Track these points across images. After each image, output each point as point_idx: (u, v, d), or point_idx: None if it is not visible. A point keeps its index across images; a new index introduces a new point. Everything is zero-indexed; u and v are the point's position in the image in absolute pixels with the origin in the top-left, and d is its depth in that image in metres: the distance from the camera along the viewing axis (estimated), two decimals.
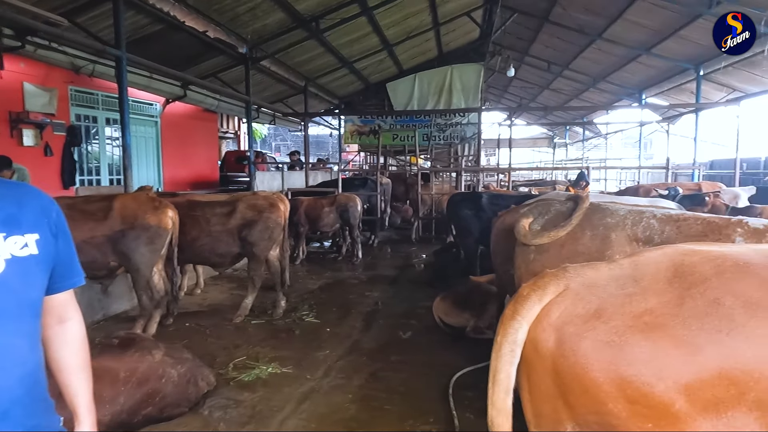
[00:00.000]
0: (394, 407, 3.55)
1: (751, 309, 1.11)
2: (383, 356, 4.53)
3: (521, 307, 1.30)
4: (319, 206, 8.99)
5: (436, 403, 3.61)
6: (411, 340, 4.98)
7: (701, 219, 2.40)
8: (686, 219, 2.41)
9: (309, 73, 13.46)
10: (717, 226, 2.33)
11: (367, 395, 3.74)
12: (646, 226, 2.44)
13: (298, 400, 3.65)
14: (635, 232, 2.44)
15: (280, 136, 37.70)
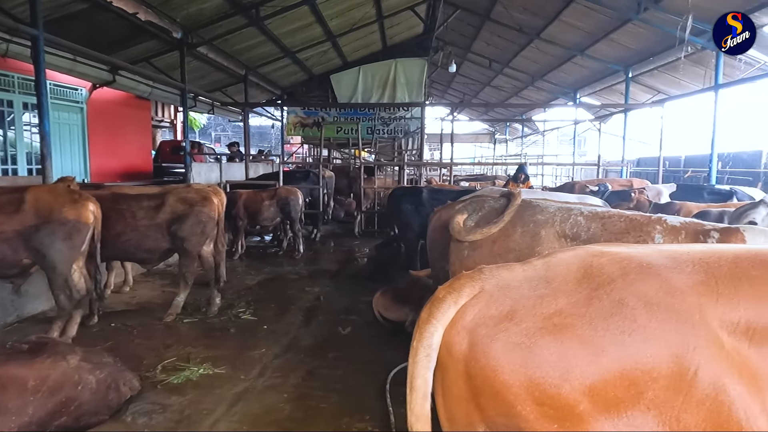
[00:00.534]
0: (331, 405, 3.50)
1: (652, 309, 1.14)
2: (321, 353, 4.46)
3: (437, 310, 1.28)
4: (258, 199, 8.74)
5: (374, 399, 3.58)
6: (350, 335, 4.94)
7: (624, 216, 2.49)
8: (611, 216, 2.49)
9: (249, 61, 13.03)
10: (639, 223, 2.42)
11: (303, 394, 3.66)
12: (573, 223, 2.50)
13: (231, 402, 3.52)
14: (563, 229, 2.50)
15: (220, 126, 36.46)
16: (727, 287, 1.18)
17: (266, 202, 8.71)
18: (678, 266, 1.23)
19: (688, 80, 12.61)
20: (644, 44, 11.74)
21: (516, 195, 2.68)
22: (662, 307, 1.14)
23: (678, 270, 1.22)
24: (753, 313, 1.14)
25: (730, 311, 1.15)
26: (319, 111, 15.66)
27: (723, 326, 1.13)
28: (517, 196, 2.67)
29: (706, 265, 1.23)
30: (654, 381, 1.09)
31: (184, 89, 10.09)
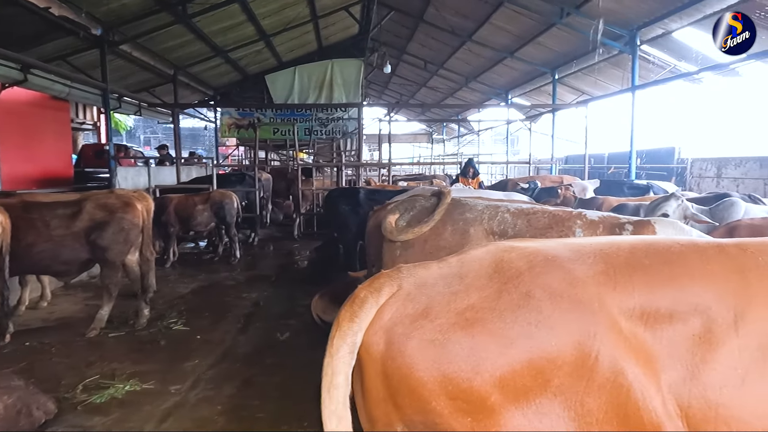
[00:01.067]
0: (268, 414, 3.40)
1: (556, 300, 1.19)
2: (258, 361, 4.34)
3: (358, 309, 1.27)
4: (191, 204, 8.40)
5: (313, 405, 3.49)
6: (289, 341, 4.84)
7: (548, 213, 2.59)
8: (535, 213, 2.58)
9: (178, 60, 12.49)
10: (561, 218, 2.52)
11: (238, 404, 3.54)
12: (500, 220, 2.57)
13: (160, 419, 3.34)
14: (491, 226, 2.56)
15: (150, 128, 34.78)
16: (624, 276, 1.25)
17: (199, 207, 8.38)
18: (580, 258, 1.29)
19: (608, 82, 13.41)
20: (568, 47, 12.35)
21: (446, 194, 2.72)
22: (565, 297, 1.19)
23: (580, 261, 1.27)
24: (646, 298, 1.22)
25: (627, 298, 1.22)
26: (255, 112, 15.28)
27: (620, 312, 1.20)
28: (447, 195, 2.71)
29: (605, 256, 1.30)
30: (559, 368, 1.13)
31: (106, 89, 9.52)
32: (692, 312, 1.21)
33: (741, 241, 1.45)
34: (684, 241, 1.41)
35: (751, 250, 1.33)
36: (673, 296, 1.23)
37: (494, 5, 11.92)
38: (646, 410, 1.13)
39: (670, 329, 1.19)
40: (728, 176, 11.43)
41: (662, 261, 1.29)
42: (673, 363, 1.17)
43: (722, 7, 8.65)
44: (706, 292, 1.23)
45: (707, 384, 1.16)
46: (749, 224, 3.83)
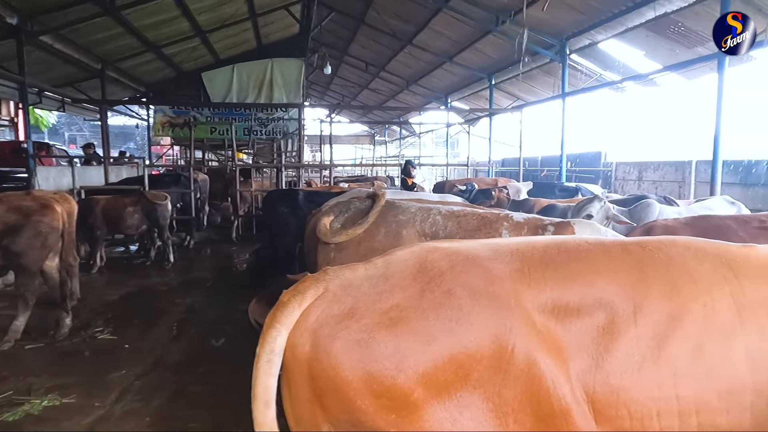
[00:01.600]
0: (200, 424, 3.29)
1: (475, 297, 1.24)
2: (191, 369, 4.18)
3: (280, 314, 1.27)
4: (120, 206, 7.97)
5: (249, 412, 3.43)
6: (225, 347, 4.70)
7: (477, 215, 2.68)
8: (465, 215, 2.66)
9: (106, 54, 11.85)
10: (489, 220, 2.62)
11: (169, 415, 3.40)
12: (432, 222, 2.64)
13: None
14: (423, 228, 2.62)
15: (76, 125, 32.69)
16: (537, 273, 1.33)
17: (129, 209, 7.97)
18: (498, 257, 1.36)
19: (541, 88, 14.04)
20: (503, 54, 12.81)
21: (380, 196, 2.74)
22: (484, 294, 1.25)
23: (498, 260, 1.35)
24: (557, 294, 1.30)
25: (540, 294, 1.29)
26: (191, 110, 14.74)
27: (534, 307, 1.27)
28: (381, 198, 2.73)
29: (521, 255, 1.37)
30: (478, 362, 1.18)
31: (23, 83, 8.85)
32: (597, 305, 1.30)
33: (641, 239, 1.56)
34: (592, 241, 1.50)
35: (649, 247, 1.44)
36: (580, 291, 1.31)
37: (433, 10, 12.17)
38: (556, 397, 1.20)
39: (578, 322, 1.28)
40: (648, 179, 12.26)
41: (572, 259, 1.38)
42: (580, 353, 1.25)
43: (641, 22, 9.29)
44: (609, 287, 1.32)
45: (609, 371, 1.25)
46: (663, 225, 4.11)
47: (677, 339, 1.28)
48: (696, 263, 1.39)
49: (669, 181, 11.49)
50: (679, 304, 1.31)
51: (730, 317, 1.30)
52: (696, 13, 8.44)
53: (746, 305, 1.32)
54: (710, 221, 4.07)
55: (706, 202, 5.48)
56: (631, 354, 1.26)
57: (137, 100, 15.88)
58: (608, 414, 1.24)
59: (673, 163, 11.63)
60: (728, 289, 1.34)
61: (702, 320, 1.30)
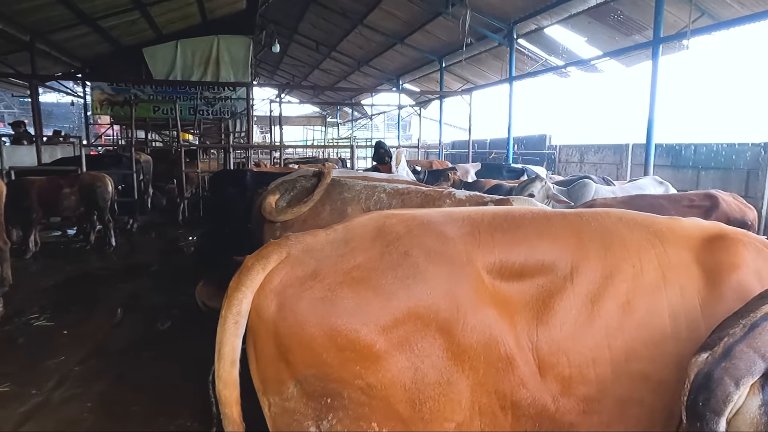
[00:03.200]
0: (143, 408, 3.24)
1: (430, 256, 1.34)
2: (134, 354, 4.09)
3: (245, 277, 1.31)
4: (56, 188, 7.56)
5: (194, 395, 3.40)
6: (170, 331, 4.61)
7: (421, 192, 2.76)
8: (409, 193, 2.74)
9: (36, 26, 11.05)
10: (432, 198, 2.70)
11: (110, 401, 3.32)
12: (377, 200, 2.70)
13: (17, 422, 3.04)
14: (368, 206, 2.67)
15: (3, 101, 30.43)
16: (486, 236, 1.44)
17: (66, 190, 7.57)
18: (451, 221, 1.47)
19: (490, 72, 14.29)
20: (454, 37, 12.89)
21: (326, 174, 2.76)
22: (438, 253, 1.35)
23: (451, 224, 1.45)
24: (504, 255, 1.42)
25: (488, 254, 1.41)
26: (131, 88, 14.05)
27: (483, 266, 1.39)
28: (327, 175, 2.75)
29: (472, 220, 1.49)
30: (435, 314, 1.28)
31: None
32: (539, 266, 1.43)
33: (580, 210, 1.70)
34: (536, 210, 1.65)
35: (586, 217, 1.59)
36: (525, 253, 1.44)
37: None
38: (503, 344, 1.33)
39: (522, 280, 1.41)
40: (589, 161, 12.81)
41: (517, 225, 1.50)
42: (524, 308, 1.39)
43: (585, 8, 9.60)
44: (550, 250, 1.46)
45: (550, 324, 1.38)
46: (602, 203, 4.36)
47: (609, 295, 1.42)
48: (627, 231, 1.55)
49: (608, 164, 12.05)
50: (611, 265, 1.46)
51: (655, 277, 1.46)
52: (634, 2, 8.81)
53: (669, 267, 1.48)
54: (645, 200, 4.36)
55: (637, 182, 5.83)
56: (569, 309, 1.40)
57: (72, 75, 14.96)
58: (550, 361, 1.37)
59: (612, 146, 12.19)
60: (654, 252, 1.50)
61: (631, 279, 1.45)
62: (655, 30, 7.96)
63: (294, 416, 1.29)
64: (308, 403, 1.27)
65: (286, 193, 2.78)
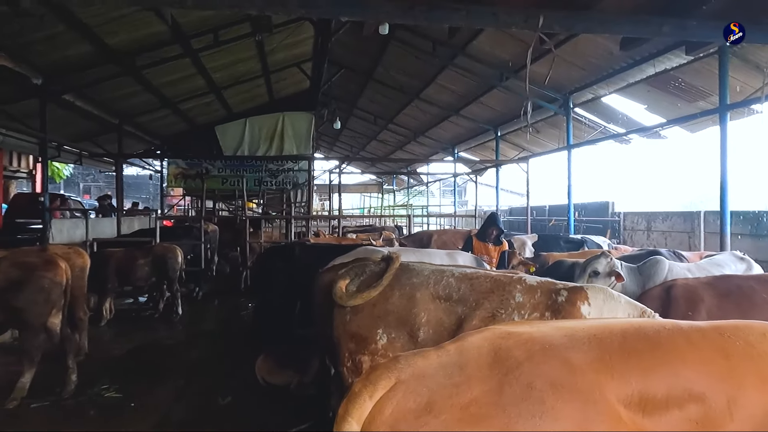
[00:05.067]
0: None
1: (557, 390, 1.21)
2: (197, 427, 4.12)
3: (352, 406, 1.27)
4: (132, 259, 8.06)
5: None
6: (231, 405, 4.63)
7: (489, 277, 2.75)
8: (478, 277, 2.74)
9: (124, 110, 12.30)
10: (502, 283, 2.69)
11: None
12: (445, 284, 2.72)
13: None
14: (437, 291, 2.70)
15: (91, 176, 33.49)
16: (619, 362, 1.28)
17: (140, 261, 8.05)
18: (575, 345, 1.32)
19: (547, 140, 14.27)
20: (508, 108, 13.13)
21: (395, 259, 2.82)
22: (566, 387, 1.22)
23: (575, 348, 1.31)
24: (643, 385, 1.26)
25: (624, 385, 1.25)
26: (203, 162, 15.09)
27: (619, 400, 1.23)
28: (396, 260, 2.82)
29: (599, 342, 1.33)
30: None
31: (44, 139, 9.19)
32: (687, 397, 1.25)
33: (715, 324, 1.51)
34: (670, 326, 1.45)
35: (727, 333, 1.41)
36: (667, 382, 1.27)
37: (439, 67, 12.61)
38: None
39: (668, 415, 1.24)
40: (657, 229, 12.21)
41: (654, 347, 1.33)
42: None
43: (642, 77, 9.54)
44: (697, 378, 1.28)
45: None
46: (684, 284, 3.94)
47: None
48: None
49: (678, 232, 11.43)
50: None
51: None
52: (695, 69, 8.68)
53: None
54: (732, 281, 4.00)
55: (715, 258, 5.46)
56: None
57: (152, 153, 16.32)
58: None
59: (682, 213, 11.61)
60: None
61: None
62: (721, 97, 7.74)
63: None
64: None
65: (356, 277, 2.86)
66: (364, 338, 2.67)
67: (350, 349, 2.71)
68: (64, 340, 4.86)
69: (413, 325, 2.63)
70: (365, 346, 2.67)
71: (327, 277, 3.16)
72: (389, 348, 2.61)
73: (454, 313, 2.63)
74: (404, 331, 2.63)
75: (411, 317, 2.66)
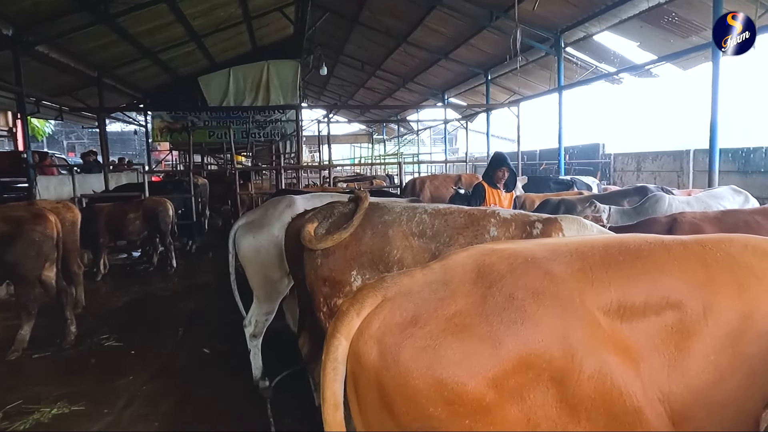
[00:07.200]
0: (207, 426, 3.34)
1: (538, 299, 1.24)
2: (197, 373, 4.23)
3: (340, 323, 1.30)
4: (122, 213, 8.02)
5: (254, 413, 3.49)
6: (227, 351, 4.73)
7: (464, 212, 2.70)
8: (452, 213, 2.69)
9: (102, 62, 11.89)
10: (476, 218, 2.65)
11: (177, 419, 3.45)
12: (419, 221, 2.65)
13: None
14: (410, 227, 2.63)
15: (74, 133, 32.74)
16: (600, 272, 1.31)
17: (131, 215, 8.03)
18: (557, 257, 1.35)
19: (537, 82, 14.03)
20: (498, 50, 12.80)
21: (363, 199, 2.74)
22: (547, 295, 1.25)
23: (558, 261, 1.33)
24: (622, 293, 1.29)
25: (604, 293, 1.28)
26: (188, 115, 14.76)
27: (599, 307, 1.26)
28: (365, 200, 2.73)
29: (581, 255, 1.36)
30: (548, 363, 1.19)
31: (21, 93, 8.89)
32: (665, 305, 1.29)
33: (698, 238, 1.53)
34: (652, 240, 1.47)
35: (708, 245, 1.43)
36: (646, 290, 1.30)
37: (427, 8, 12.18)
38: (628, 395, 1.20)
39: (646, 322, 1.27)
40: (647, 169, 12.26)
41: (634, 257, 1.36)
42: (651, 353, 1.25)
43: (635, 13, 9.29)
44: (676, 286, 1.31)
45: (685, 371, 1.24)
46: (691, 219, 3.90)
47: (751, 338, 1.27)
48: (757, 261, 1.39)
49: (667, 171, 11.50)
50: (749, 303, 1.31)
51: None
52: (689, 2, 8.45)
53: None
54: (738, 216, 3.98)
55: (713, 191, 5.46)
56: (707, 354, 1.26)
57: (135, 106, 15.91)
58: (686, 415, 1.24)
59: (671, 153, 11.63)
60: None
61: None
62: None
63: None
64: None
65: (324, 220, 2.76)
66: (338, 281, 2.61)
67: (324, 294, 2.64)
68: (60, 293, 4.90)
69: (387, 263, 2.57)
70: (340, 289, 2.60)
71: (296, 223, 3.05)
72: None
73: (428, 250, 2.57)
74: (378, 271, 2.56)
75: (384, 256, 2.60)
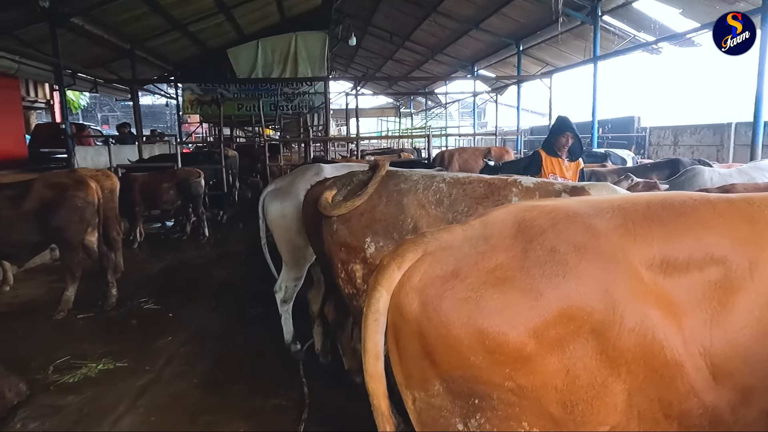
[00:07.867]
0: (242, 386, 3.48)
1: (580, 252, 1.25)
2: (231, 336, 4.39)
3: (381, 276, 1.33)
4: (156, 183, 8.24)
5: (287, 376, 3.61)
6: (261, 315, 4.88)
7: (483, 181, 2.66)
8: (471, 182, 2.65)
9: (134, 34, 12.00)
10: (496, 187, 2.60)
11: (213, 379, 3.60)
12: (435, 189, 2.62)
13: (135, 395, 3.38)
14: (427, 196, 2.61)
15: (108, 106, 33.41)
16: (643, 228, 1.31)
17: (165, 185, 8.24)
18: (599, 213, 1.34)
19: (571, 53, 13.60)
20: (532, 19, 12.42)
21: (381, 166, 2.73)
22: (589, 249, 1.25)
23: (599, 216, 1.33)
24: (665, 249, 1.28)
25: (646, 248, 1.28)
26: (218, 87, 14.87)
27: (641, 262, 1.26)
28: (382, 168, 2.72)
29: (623, 210, 1.35)
30: (589, 315, 1.20)
31: (58, 65, 9.09)
32: (709, 261, 1.28)
33: (746, 195, 1.51)
34: (697, 197, 1.45)
35: (757, 202, 1.40)
36: (690, 246, 1.29)
37: None
38: (669, 349, 1.21)
39: (689, 277, 1.27)
40: (684, 143, 11.86)
41: (678, 214, 1.35)
42: (693, 308, 1.25)
43: None
44: (720, 242, 1.30)
45: (727, 326, 1.24)
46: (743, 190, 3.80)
47: None
48: None
49: (706, 145, 11.10)
50: None
51: None
52: None
53: None
54: None
55: (759, 163, 5.25)
56: (751, 309, 1.24)
57: (165, 78, 16.08)
58: (727, 369, 1.24)
59: (711, 126, 11.20)
60: None
61: None
62: None
63: (441, 413, 1.28)
64: (455, 401, 1.26)
65: (342, 188, 2.77)
66: (353, 247, 2.62)
67: (342, 259, 2.66)
68: (101, 257, 5.11)
69: (401, 231, 2.55)
70: (356, 255, 2.61)
71: (316, 190, 3.08)
72: (378, 257, 2.47)
73: (445, 219, 2.53)
74: (392, 239, 2.55)
75: (398, 224, 2.58)
